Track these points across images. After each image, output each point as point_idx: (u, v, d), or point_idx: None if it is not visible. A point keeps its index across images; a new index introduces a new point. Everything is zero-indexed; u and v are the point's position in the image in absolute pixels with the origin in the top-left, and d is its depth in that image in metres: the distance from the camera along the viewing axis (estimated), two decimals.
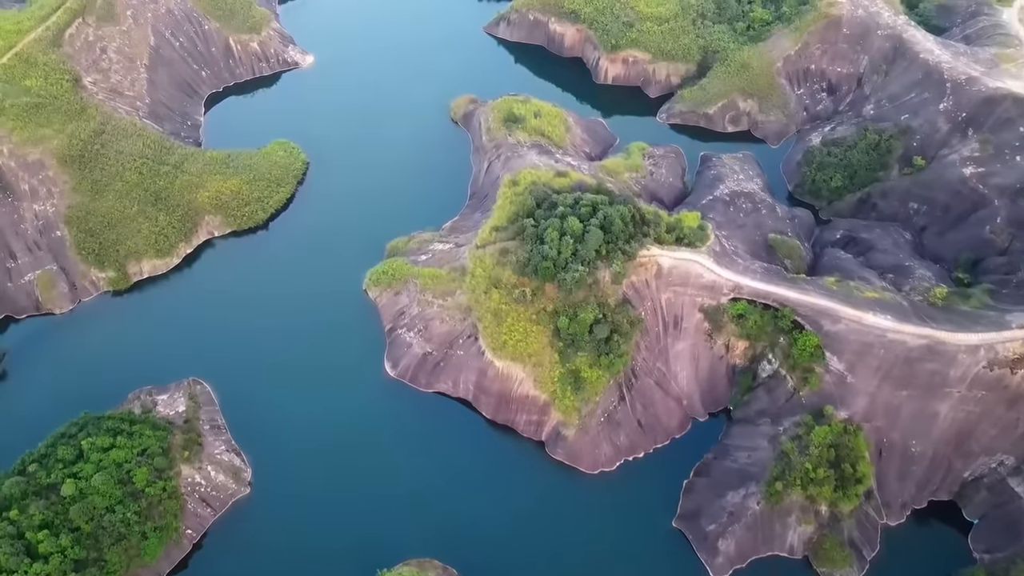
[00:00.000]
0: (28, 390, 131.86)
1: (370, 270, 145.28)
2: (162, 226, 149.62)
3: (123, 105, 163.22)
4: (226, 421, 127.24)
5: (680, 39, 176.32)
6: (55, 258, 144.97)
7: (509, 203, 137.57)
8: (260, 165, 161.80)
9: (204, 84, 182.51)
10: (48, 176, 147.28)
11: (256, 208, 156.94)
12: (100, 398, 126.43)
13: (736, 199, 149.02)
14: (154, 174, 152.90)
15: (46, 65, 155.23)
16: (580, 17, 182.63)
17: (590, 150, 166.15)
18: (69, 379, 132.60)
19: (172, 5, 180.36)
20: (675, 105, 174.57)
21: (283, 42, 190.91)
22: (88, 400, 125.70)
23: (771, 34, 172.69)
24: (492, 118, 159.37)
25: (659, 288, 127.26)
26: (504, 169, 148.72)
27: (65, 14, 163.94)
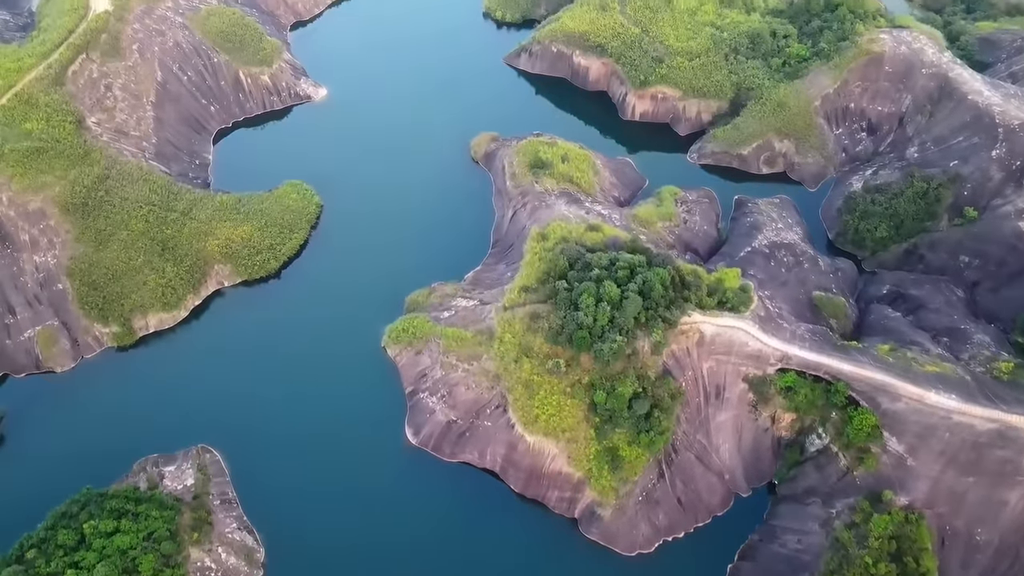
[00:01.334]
0: (27, 457, 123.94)
1: (389, 326, 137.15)
2: (169, 277, 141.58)
3: (128, 146, 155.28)
4: (237, 494, 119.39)
5: (712, 75, 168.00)
6: (56, 313, 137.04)
7: (538, 260, 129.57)
8: (272, 210, 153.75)
9: (213, 119, 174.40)
10: (49, 226, 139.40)
11: (268, 256, 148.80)
12: (104, 467, 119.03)
13: (776, 251, 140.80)
14: (161, 222, 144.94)
15: (48, 106, 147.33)
16: (607, 51, 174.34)
17: (619, 194, 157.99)
18: (70, 445, 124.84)
19: (180, 38, 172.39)
20: (707, 145, 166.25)
21: (295, 74, 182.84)
22: (91, 469, 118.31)
23: (808, 71, 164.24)
24: (517, 162, 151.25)
25: (701, 356, 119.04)
26: (531, 220, 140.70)
27: (68, 50, 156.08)
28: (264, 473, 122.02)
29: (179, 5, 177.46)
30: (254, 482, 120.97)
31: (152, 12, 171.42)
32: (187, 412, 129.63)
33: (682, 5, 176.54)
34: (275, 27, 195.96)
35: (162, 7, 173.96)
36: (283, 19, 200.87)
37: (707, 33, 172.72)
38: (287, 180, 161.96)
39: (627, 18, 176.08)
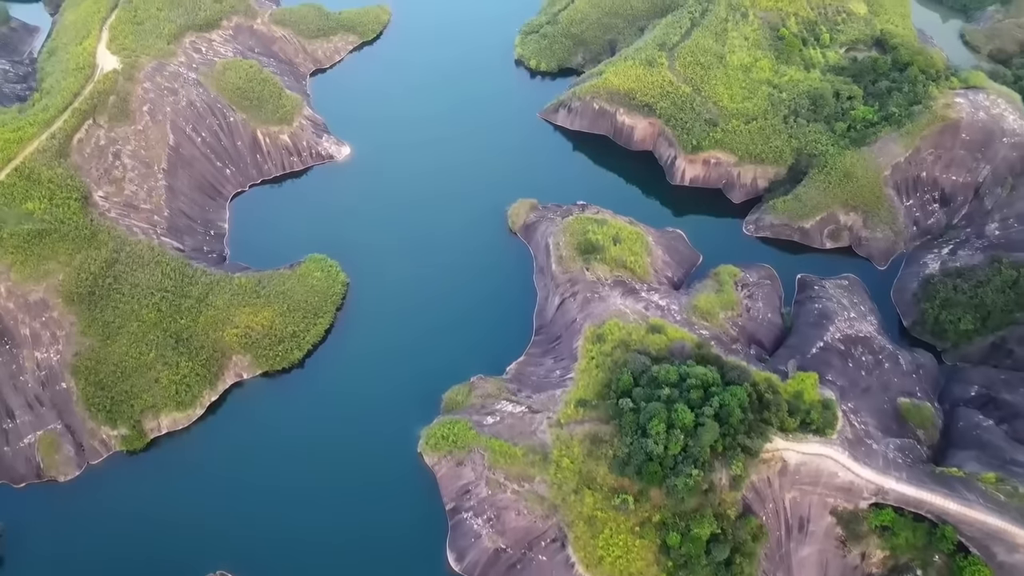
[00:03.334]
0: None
1: (425, 429, 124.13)
2: (184, 373, 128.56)
3: (139, 222, 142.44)
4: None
5: (771, 140, 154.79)
6: (59, 415, 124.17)
7: (595, 367, 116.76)
8: (295, 291, 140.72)
9: (229, 183, 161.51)
10: (52, 318, 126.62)
11: (291, 346, 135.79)
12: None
13: (852, 348, 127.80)
14: (175, 310, 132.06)
15: (51, 181, 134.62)
16: (655, 111, 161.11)
17: (672, 273, 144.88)
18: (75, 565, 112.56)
19: (194, 96, 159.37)
20: (765, 216, 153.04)
21: (316, 132, 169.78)
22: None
23: (877, 137, 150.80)
24: (564, 243, 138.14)
25: (783, 486, 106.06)
26: (583, 313, 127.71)
27: (73, 116, 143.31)
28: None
29: (192, 60, 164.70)
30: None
31: (163, 69, 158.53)
32: (203, 527, 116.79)
33: (736, 61, 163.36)
34: (294, 77, 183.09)
35: (174, 63, 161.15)
36: (302, 67, 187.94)
37: (764, 92, 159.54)
38: (309, 254, 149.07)
39: (676, 75, 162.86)
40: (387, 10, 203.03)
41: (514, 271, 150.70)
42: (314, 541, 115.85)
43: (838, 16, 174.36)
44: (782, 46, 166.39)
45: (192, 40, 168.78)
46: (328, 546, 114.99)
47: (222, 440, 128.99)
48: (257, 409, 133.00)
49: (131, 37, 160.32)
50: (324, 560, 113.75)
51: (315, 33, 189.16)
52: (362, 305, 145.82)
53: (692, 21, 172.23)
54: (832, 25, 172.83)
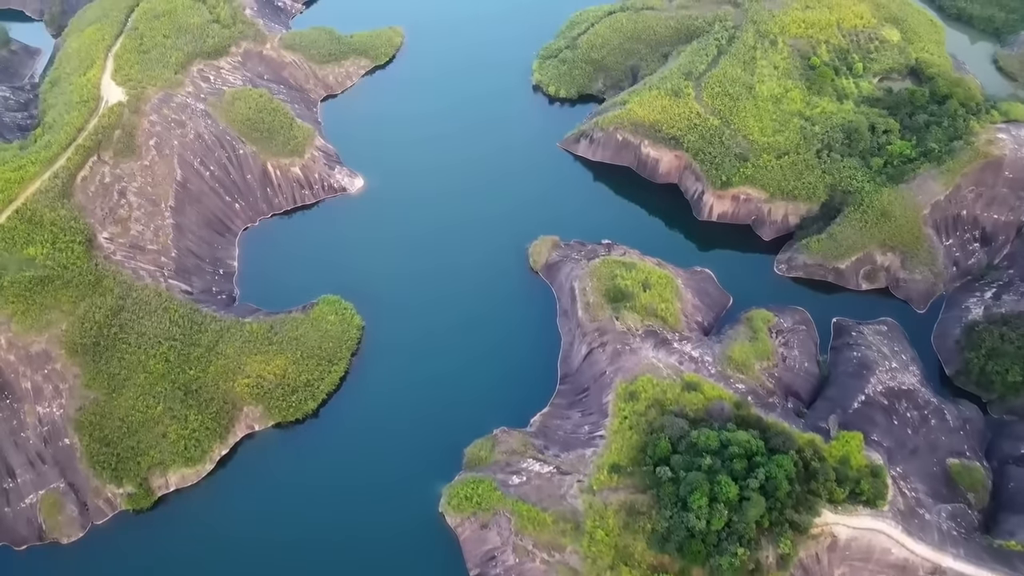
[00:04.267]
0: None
1: (447, 487, 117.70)
2: (193, 427, 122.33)
3: (145, 264, 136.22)
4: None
5: (804, 176, 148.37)
6: (62, 473, 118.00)
7: (628, 428, 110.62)
8: (308, 336, 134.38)
9: (238, 218, 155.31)
10: (55, 370, 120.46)
11: (304, 396, 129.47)
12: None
13: (896, 403, 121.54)
14: (183, 360, 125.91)
15: (54, 224, 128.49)
16: (681, 144, 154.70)
17: (702, 317, 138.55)
18: None
19: (202, 128, 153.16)
20: (798, 256, 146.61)
21: (328, 163, 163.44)
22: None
23: (915, 174, 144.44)
24: (591, 289, 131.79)
25: (832, 563, 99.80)
26: (613, 367, 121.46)
27: (77, 153, 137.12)
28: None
29: (200, 89, 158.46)
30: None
31: (171, 100, 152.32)
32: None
33: (765, 91, 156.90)
34: (304, 104, 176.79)
35: (182, 93, 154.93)
36: (313, 94, 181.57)
37: (795, 125, 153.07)
38: (323, 294, 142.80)
39: (704, 106, 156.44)
40: (400, 32, 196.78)
41: (536, 313, 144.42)
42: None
43: (871, 44, 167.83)
44: (813, 76, 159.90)
45: (200, 68, 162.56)
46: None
47: (233, 497, 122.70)
48: (269, 463, 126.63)
49: (137, 67, 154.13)
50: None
51: (326, 58, 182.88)
52: (378, 350, 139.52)
53: (719, 48, 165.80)
54: (865, 53, 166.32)
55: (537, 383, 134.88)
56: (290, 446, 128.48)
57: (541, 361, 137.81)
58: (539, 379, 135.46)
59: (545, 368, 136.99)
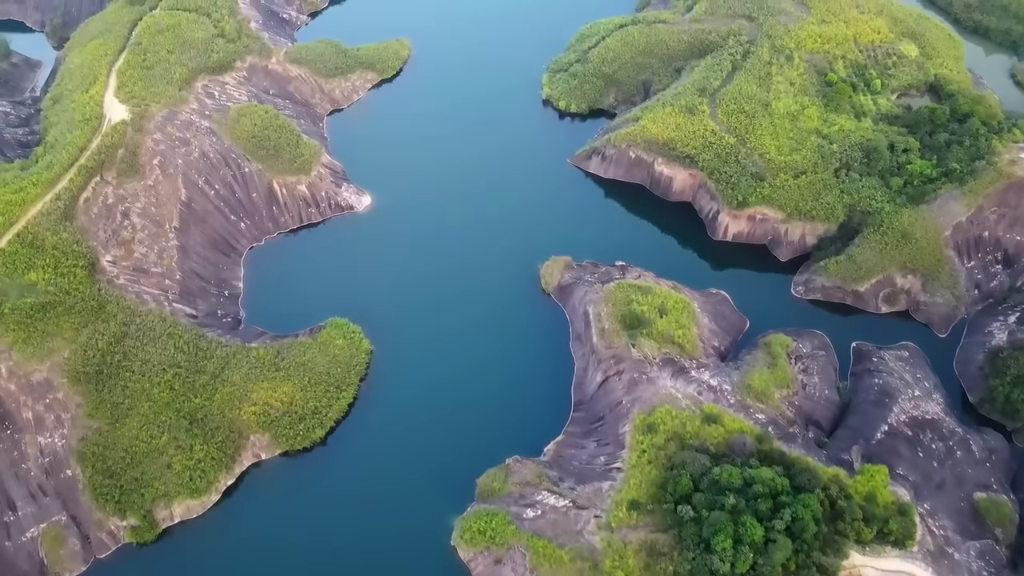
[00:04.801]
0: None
1: (459, 519, 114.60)
2: (198, 457, 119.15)
3: (149, 287, 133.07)
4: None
5: (821, 196, 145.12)
6: (64, 505, 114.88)
7: (647, 462, 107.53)
8: (316, 362, 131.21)
9: (243, 237, 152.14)
10: (57, 399, 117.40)
11: (312, 424, 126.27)
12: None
13: (921, 434, 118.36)
14: (188, 388, 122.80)
15: (56, 248, 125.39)
16: (696, 162, 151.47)
17: (719, 342, 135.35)
18: None
19: (207, 146, 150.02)
20: (816, 278, 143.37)
21: (335, 181, 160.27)
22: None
23: (937, 195, 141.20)
24: (606, 314, 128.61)
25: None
26: (629, 396, 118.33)
27: (80, 174, 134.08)
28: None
29: (205, 106, 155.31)
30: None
31: (175, 118, 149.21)
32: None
33: (782, 108, 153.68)
34: (311, 119, 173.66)
35: (186, 110, 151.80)
36: (319, 108, 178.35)
37: (813, 143, 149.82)
38: (330, 317, 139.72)
39: (719, 124, 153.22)
40: (407, 45, 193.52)
41: (548, 336, 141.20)
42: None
43: (888, 59, 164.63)
44: (831, 92, 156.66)
45: (204, 84, 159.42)
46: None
47: (239, 528, 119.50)
48: (276, 493, 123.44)
49: (140, 83, 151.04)
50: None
51: (332, 72, 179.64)
52: (387, 375, 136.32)
53: (733, 64, 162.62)
54: (883, 69, 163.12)
55: (550, 409, 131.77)
56: (298, 475, 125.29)
57: (554, 386, 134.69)
58: (552, 405, 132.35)
59: (558, 393, 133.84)
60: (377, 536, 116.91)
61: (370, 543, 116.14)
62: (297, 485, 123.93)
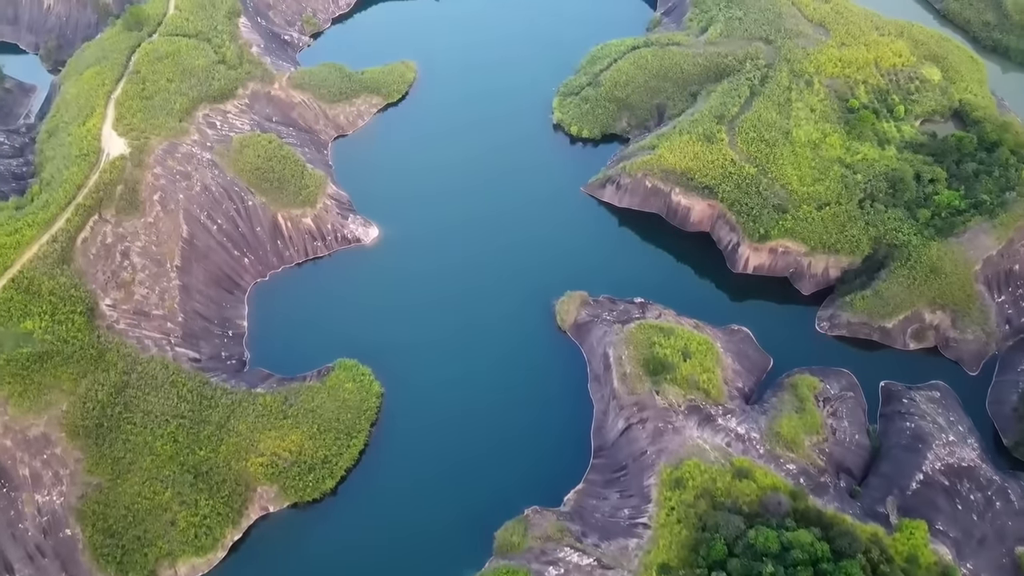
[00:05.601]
0: None
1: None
2: (204, 513, 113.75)
3: (151, 331, 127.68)
4: None
5: (846, 228, 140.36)
6: (64, 567, 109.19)
7: (676, 521, 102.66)
8: (325, 407, 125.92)
9: (247, 273, 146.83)
10: (55, 455, 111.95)
11: (322, 474, 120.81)
12: None
13: (958, 484, 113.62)
14: (193, 440, 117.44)
15: (53, 294, 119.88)
16: (715, 193, 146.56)
17: (743, 383, 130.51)
18: None
19: (208, 179, 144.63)
20: (841, 313, 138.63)
21: (341, 212, 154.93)
22: None
23: (966, 227, 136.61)
24: (627, 358, 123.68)
25: None
26: (654, 447, 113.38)
27: (77, 213, 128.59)
28: None
29: (206, 137, 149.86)
30: None
31: (175, 151, 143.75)
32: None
33: (803, 136, 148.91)
34: (315, 147, 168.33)
35: (187, 142, 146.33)
36: (323, 135, 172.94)
37: (836, 173, 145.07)
38: (338, 358, 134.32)
39: (739, 153, 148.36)
40: (412, 67, 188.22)
41: (565, 376, 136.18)
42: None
43: (911, 83, 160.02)
44: (853, 119, 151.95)
45: (206, 113, 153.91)
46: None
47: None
48: (285, 547, 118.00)
49: (139, 115, 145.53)
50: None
51: (336, 96, 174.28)
52: (398, 419, 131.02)
53: (751, 89, 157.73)
54: (905, 94, 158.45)
55: (568, 453, 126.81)
56: (307, 528, 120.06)
57: (572, 429, 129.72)
58: (570, 449, 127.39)
59: (576, 437, 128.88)
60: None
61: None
62: (307, 538, 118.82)
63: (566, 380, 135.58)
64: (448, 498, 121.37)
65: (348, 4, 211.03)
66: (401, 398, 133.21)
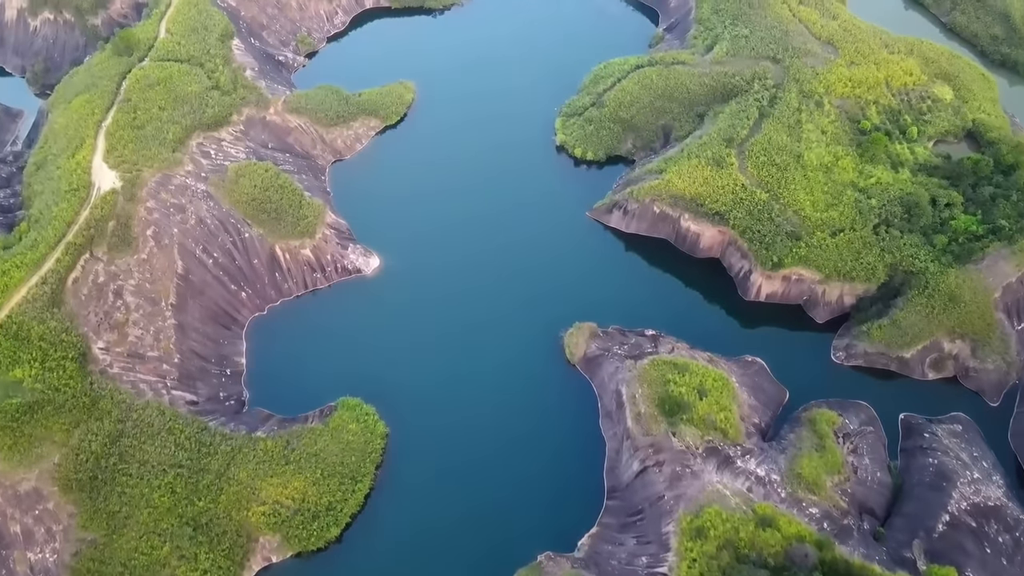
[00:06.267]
0: None
1: None
2: (204, 567, 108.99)
3: (146, 375, 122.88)
4: None
5: (861, 256, 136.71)
6: None
7: (699, 574, 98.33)
8: (328, 451, 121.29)
9: (244, 308, 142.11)
10: (47, 511, 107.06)
11: (326, 521, 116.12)
12: None
13: (985, 525, 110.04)
14: (191, 491, 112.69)
15: (43, 339, 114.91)
16: (726, 220, 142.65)
17: (759, 418, 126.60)
18: None
19: (204, 212, 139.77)
20: (857, 343, 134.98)
21: (341, 242, 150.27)
22: None
23: (984, 254, 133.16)
24: (641, 397, 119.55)
25: None
26: (672, 492, 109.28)
27: (67, 252, 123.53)
28: None
29: (201, 167, 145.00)
30: None
31: (169, 183, 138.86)
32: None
33: (814, 160, 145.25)
34: (312, 173, 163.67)
35: (181, 173, 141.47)
36: (320, 160, 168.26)
37: (849, 198, 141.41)
38: (341, 397, 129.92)
39: (749, 178, 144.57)
40: (411, 88, 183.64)
41: (575, 412, 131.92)
42: None
43: (923, 103, 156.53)
44: (865, 141, 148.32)
45: (199, 142, 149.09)
46: None
47: None
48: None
49: (131, 145, 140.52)
50: None
51: (334, 120, 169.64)
52: (404, 461, 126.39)
53: (760, 111, 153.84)
54: (917, 115, 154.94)
55: (580, 494, 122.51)
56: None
57: (584, 468, 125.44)
58: (582, 489, 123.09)
59: (588, 476, 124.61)
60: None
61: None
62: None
63: (577, 416, 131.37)
64: (458, 544, 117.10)
65: (343, 22, 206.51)
66: (406, 437, 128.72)
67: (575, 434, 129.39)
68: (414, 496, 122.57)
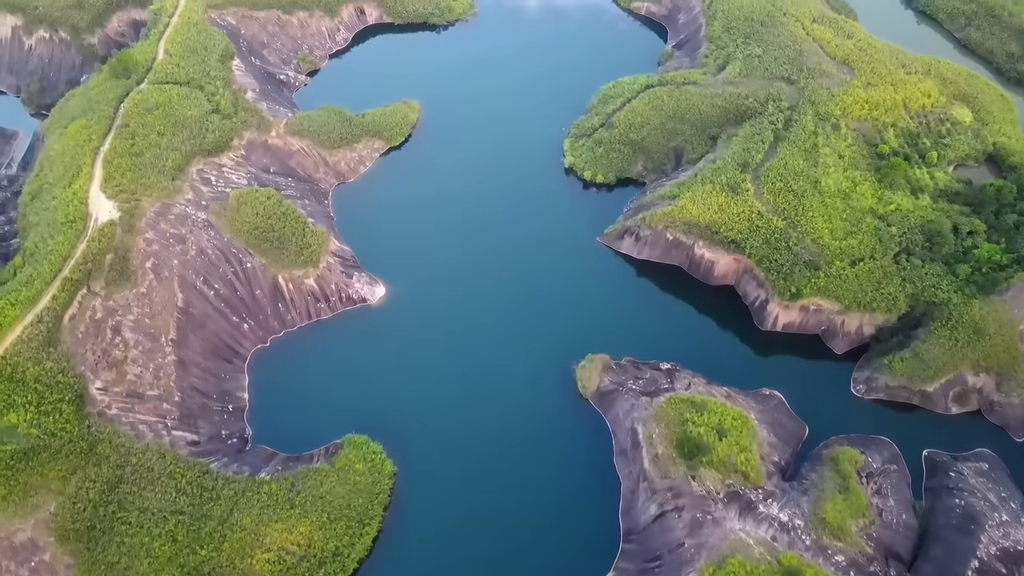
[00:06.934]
0: None
1: None
2: None
3: (145, 415, 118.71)
4: None
5: (882, 286, 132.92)
6: None
7: None
8: (335, 493, 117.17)
9: (247, 340, 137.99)
10: (43, 562, 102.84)
11: (334, 568, 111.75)
12: None
13: (1016, 570, 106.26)
14: (193, 539, 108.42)
15: (38, 381, 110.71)
16: (742, 248, 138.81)
17: (779, 456, 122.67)
18: None
19: (204, 242, 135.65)
20: (878, 376, 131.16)
21: (345, 271, 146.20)
22: None
23: (1009, 284, 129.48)
24: (658, 437, 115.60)
25: None
26: (693, 540, 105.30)
27: (64, 288, 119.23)
28: None
29: (201, 195, 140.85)
30: None
31: (168, 212, 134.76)
32: None
33: (832, 185, 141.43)
34: (315, 197, 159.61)
35: (180, 202, 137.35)
36: (323, 183, 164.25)
37: (869, 226, 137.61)
38: (347, 434, 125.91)
39: (765, 204, 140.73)
40: (415, 107, 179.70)
41: (589, 448, 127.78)
42: None
43: (942, 126, 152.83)
44: (884, 166, 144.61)
45: (200, 168, 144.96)
46: None
47: None
48: None
49: (129, 174, 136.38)
50: None
51: (337, 142, 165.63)
52: (413, 502, 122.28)
53: (775, 134, 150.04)
54: (936, 138, 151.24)
55: (595, 535, 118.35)
56: None
57: (598, 507, 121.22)
58: (597, 530, 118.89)
59: (603, 516, 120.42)
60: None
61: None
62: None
63: (590, 453, 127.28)
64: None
65: (345, 39, 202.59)
66: (414, 476, 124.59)
67: (589, 472, 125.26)
68: (423, 538, 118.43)
